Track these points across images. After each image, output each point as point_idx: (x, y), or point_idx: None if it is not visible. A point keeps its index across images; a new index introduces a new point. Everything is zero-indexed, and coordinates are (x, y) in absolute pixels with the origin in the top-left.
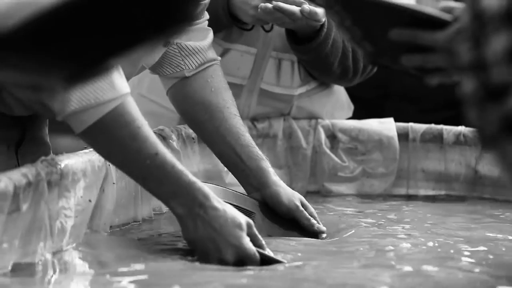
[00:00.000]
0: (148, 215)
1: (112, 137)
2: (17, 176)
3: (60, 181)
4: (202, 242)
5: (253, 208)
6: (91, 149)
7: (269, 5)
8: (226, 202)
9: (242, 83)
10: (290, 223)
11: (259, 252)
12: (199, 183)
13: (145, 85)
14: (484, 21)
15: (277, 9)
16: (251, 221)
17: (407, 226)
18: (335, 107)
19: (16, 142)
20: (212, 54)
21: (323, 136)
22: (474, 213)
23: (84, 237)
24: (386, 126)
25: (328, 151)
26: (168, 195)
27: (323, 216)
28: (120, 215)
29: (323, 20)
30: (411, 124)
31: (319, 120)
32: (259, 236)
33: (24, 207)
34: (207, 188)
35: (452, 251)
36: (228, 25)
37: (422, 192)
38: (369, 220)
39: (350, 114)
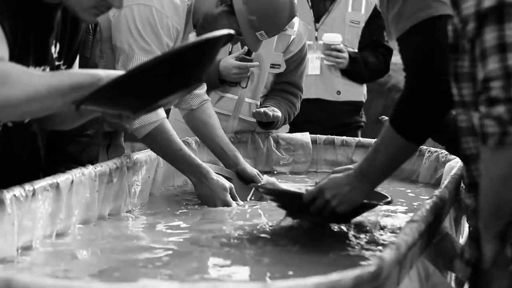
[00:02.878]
0: (180, 184)
1: (156, 141)
2: (111, 163)
3: (133, 166)
4: (205, 197)
5: (231, 176)
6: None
7: (261, 110)
8: (216, 172)
9: (229, 114)
10: (250, 184)
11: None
12: (203, 164)
13: (178, 113)
14: None
15: (264, 113)
16: (232, 186)
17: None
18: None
19: (107, 146)
20: (206, 96)
21: (272, 141)
22: None
23: (148, 197)
24: (305, 136)
25: (275, 149)
26: (187, 171)
27: None
28: (165, 184)
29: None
30: (317, 135)
31: (270, 133)
32: (236, 195)
33: (115, 180)
34: (208, 167)
35: None
36: (218, 85)
37: (324, 170)
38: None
39: (287, 130)
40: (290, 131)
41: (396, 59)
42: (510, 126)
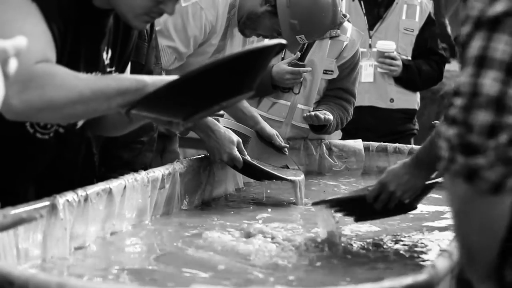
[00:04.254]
0: (232, 190)
1: None
2: (163, 169)
3: (185, 172)
4: (212, 149)
5: (251, 135)
6: (203, 155)
7: (313, 113)
8: (235, 130)
9: (282, 120)
10: (269, 143)
11: (242, 157)
12: (209, 118)
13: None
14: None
15: (315, 116)
16: (240, 140)
17: None
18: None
19: (161, 151)
20: None
21: (324, 148)
22: None
23: (200, 202)
24: (357, 143)
25: (327, 156)
26: (193, 127)
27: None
28: (217, 189)
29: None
30: (370, 142)
31: (323, 140)
32: (243, 149)
33: (167, 186)
34: (214, 120)
35: None
36: (272, 92)
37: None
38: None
39: (340, 137)
40: (343, 138)
41: (449, 66)
42: (458, 152)
